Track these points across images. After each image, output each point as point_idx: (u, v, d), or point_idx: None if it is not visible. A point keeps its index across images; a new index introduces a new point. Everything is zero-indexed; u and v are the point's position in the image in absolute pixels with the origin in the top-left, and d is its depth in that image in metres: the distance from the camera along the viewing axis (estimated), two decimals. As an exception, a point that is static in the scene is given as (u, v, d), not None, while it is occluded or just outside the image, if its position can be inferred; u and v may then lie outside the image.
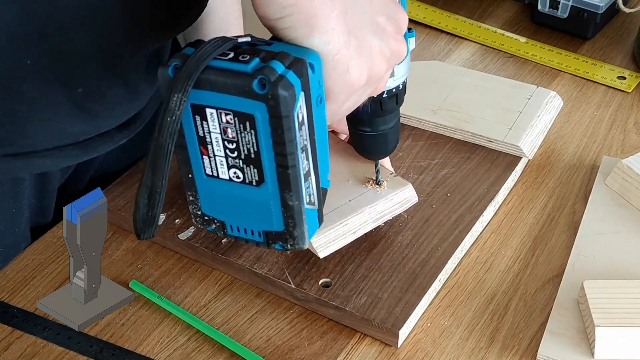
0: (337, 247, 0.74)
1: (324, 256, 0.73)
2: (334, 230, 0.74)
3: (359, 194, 0.77)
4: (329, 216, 0.74)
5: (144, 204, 0.56)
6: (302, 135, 0.55)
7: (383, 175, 0.79)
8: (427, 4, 1.17)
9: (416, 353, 0.71)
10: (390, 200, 0.77)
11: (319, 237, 0.73)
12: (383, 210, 0.77)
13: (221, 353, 0.70)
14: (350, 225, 0.75)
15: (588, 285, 0.71)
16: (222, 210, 0.60)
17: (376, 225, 0.77)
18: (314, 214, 0.59)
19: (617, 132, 0.95)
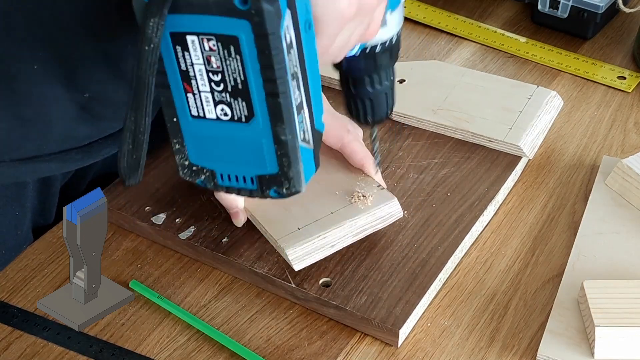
0: (313, 260, 0.73)
1: (299, 269, 0.73)
2: (312, 243, 0.73)
3: (342, 207, 0.76)
4: (308, 228, 0.73)
5: (129, 149, 0.52)
6: (291, 60, 0.50)
7: (369, 188, 0.77)
8: (427, 4, 1.17)
9: (416, 353, 0.71)
10: (373, 215, 0.75)
11: (296, 249, 0.72)
12: (365, 224, 0.75)
13: (221, 353, 0.70)
14: (329, 239, 0.74)
15: (588, 285, 0.71)
16: (211, 157, 0.55)
17: (356, 239, 0.75)
18: (310, 154, 0.54)
19: (617, 132, 0.95)
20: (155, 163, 0.86)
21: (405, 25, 1.14)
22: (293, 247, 0.72)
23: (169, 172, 0.85)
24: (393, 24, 0.65)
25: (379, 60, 0.66)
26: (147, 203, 0.81)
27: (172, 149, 0.57)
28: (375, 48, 0.65)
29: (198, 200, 0.82)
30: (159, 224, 0.79)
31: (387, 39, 0.65)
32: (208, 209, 0.81)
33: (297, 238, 0.73)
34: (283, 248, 0.73)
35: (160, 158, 0.87)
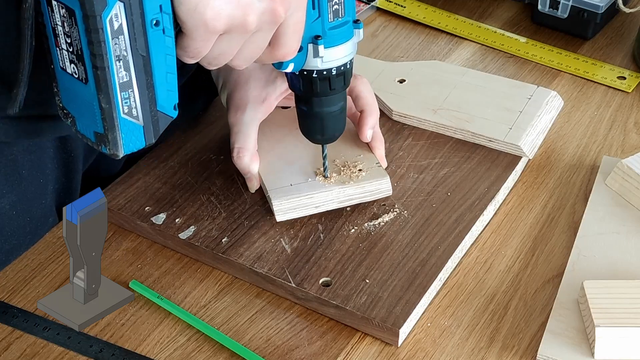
0: (296, 215, 0.78)
1: (280, 220, 0.78)
2: (298, 199, 0.78)
3: (336, 174, 0.80)
4: (299, 186, 0.79)
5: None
6: (117, 44, 0.59)
7: (368, 162, 0.81)
8: (427, 4, 1.17)
9: (416, 353, 0.71)
10: (362, 187, 0.79)
11: (282, 201, 0.78)
12: (352, 194, 0.79)
13: (221, 353, 0.70)
14: (315, 199, 0.78)
15: (588, 285, 0.71)
16: (73, 106, 0.64)
17: (341, 206, 0.79)
18: (137, 128, 0.63)
19: (617, 132, 0.95)
20: (155, 163, 0.86)
21: (405, 25, 1.14)
22: (280, 199, 0.78)
23: (169, 172, 0.85)
24: (330, 58, 0.71)
25: (315, 85, 0.73)
26: (147, 203, 0.81)
27: None
28: (312, 72, 0.72)
29: (198, 200, 0.82)
30: (159, 224, 0.79)
31: (322, 68, 0.72)
32: (208, 209, 0.81)
33: (286, 192, 0.78)
34: (271, 198, 0.78)
35: (161, 158, 0.87)
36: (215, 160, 0.86)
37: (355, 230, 0.79)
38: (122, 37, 0.59)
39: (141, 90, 0.62)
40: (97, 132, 0.63)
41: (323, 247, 0.77)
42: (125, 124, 0.63)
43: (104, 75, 0.60)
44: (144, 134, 0.64)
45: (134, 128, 0.63)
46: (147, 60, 0.61)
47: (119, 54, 0.60)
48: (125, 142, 0.63)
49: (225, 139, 0.88)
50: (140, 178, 0.84)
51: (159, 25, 0.60)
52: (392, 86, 0.95)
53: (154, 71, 0.62)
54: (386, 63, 1.00)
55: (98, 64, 0.59)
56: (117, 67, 0.60)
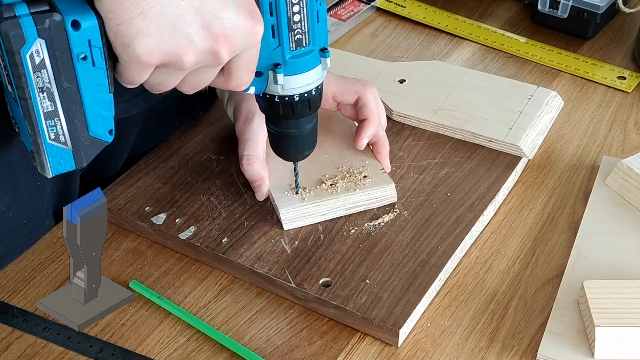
0: (303, 223, 0.79)
1: (287, 228, 0.78)
2: (304, 208, 0.78)
3: (342, 181, 0.80)
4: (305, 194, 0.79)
5: None
6: (39, 77, 0.61)
7: (373, 169, 0.82)
8: (427, 4, 1.17)
9: (416, 353, 0.71)
10: (368, 194, 0.79)
11: (289, 210, 0.78)
12: (358, 201, 0.79)
13: (221, 353, 0.70)
14: (322, 207, 0.79)
15: (588, 285, 0.71)
16: (16, 118, 0.66)
17: (347, 213, 0.79)
18: (65, 152, 0.65)
19: (617, 132, 0.95)
20: (155, 163, 0.86)
21: (405, 25, 1.14)
22: (286, 207, 0.78)
23: (169, 172, 0.85)
24: (291, 86, 0.70)
25: (277, 109, 0.72)
26: (147, 203, 0.81)
27: None
28: (274, 97, 0.71)
29: (198, 200, 0.82)
30: (159, 224, 0.79)
31: (284, 95, 0.71)
32: (208, 209, 0.81)
33: (292, 201, 0.79)
34: (277, 207, 0.78)
35: (161, 158, 0.87)
36: (215, 161, 0.86)
37: (355, 230, 0.79)
38: (45, 70, 0.61)
39: (69, 119, 0.63)
40: (30, 149, 0.65)
41: (323, 248, 0.77)
42: (52, 148, 0.64)
43: (26, 106, 0.62)
44: (74, 157, 0.65)
45: (62, 152, 0.65)
46: (75, 91, 0.63)
47: (42, 86, 0.61)
48: (53, 165, 0.65)
49: (226, 139, 0.89)
50: (141, 178, 0.84)
51: (87, 59, 0.62)
52: (392, 86, 0.95)
53: (83, 101, 0.63)
54: (386, 63, 1.00)
55: (20, 95, 0.61)
56: (41, 99, 0.62)
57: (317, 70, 0.71)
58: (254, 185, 0.81)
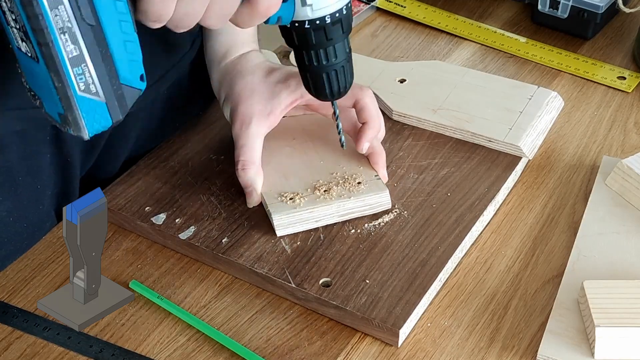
0: (296, 230, 0.78)
1: (280, 235, 0.77)
2: (298, 214, 0.77)
3: (336, 187, 0.80)
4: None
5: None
6: (58, 15, 0.55)
7: (367, 176, 0.80)
8: (427, 4, 1.17)
9: (416, 353, 0.71)
10: (362, 201, 0.79)
11: (282, 216, 0.77)
12: (352, 207, 0.79)
13: (221, 353, 0.70)
14: (315, 214, 0.78)
15: (588, 285, 0.71)
16: (35, 86, 0.60)
17: (341, 220, 0.79)
18: (98, 105, 0.59)
19: (617, 132, 0.95)
20: (155, 163, 0.86)
21: (405, 25, 1.14)
22: (279, 214, 0.77)
23: (169, 172, 0.85)
24: (320, 6, 0.66)
25: (309, 36, 0.67)
26: (147, 203, 0.81)
27: None
28: (304, 24, 0.67)
29: (198, 200, 0.82)
30: (159, 224, 0.79)
31: (315, 17, 0.66)
32: (208, 209, 0.81)
33: (285, 207, 0.78)
34: (271, 213, 0.77)
35: (161, 158, 0.87)
36: (215, 161, 0.86)
37: (355, 230, 0.79)
38: (63, 7, 0.55)
39: (96, 64, 0.57)
40: (60, 113, 0.59)
41: (323, 248, 0.77)
42: (83, 102, 0.58)
43: (49, 52, 0.56)
44: (109, 111, 0.59)
45: (95, 106, 0.58)
46: (99, 30, 0.57)
47: (62, 26, 0.55)
48: (88, 122, 0.59)
49: (226, 139, 0.89)
50: (141, 178, 0.84)
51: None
52: (392, 86, 0.95)
53: (108, 41, 0.57)
54: (386, 63, 1.00)
55: (40, 39, 0.55)
56: (63, 41, 0.56)
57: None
58: (246, 192, 0.80)
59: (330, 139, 0.85)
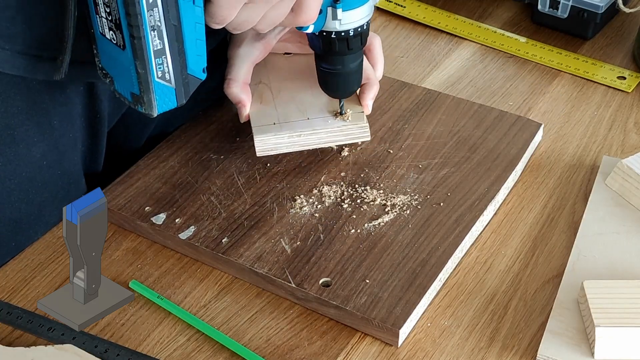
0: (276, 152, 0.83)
1: (260, 155, 0.83)
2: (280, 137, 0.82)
3: (319, 117, 0.85)
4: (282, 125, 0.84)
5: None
6: (152, 16, 0.65)
7: (352, 108, 0.85)
8: (427, 4, 1.17)
9: (416, 353, 0.71)
10: (341, 130, 0.84)
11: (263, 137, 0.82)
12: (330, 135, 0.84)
13: (221, 353, 0.70)
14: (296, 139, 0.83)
15: (588, 285, 0.71)
16: (111, 67, 0.71)
17: (319, 147, 0.84)
18: (169, 90, 0.69)
19: (617, 132, 0.95)
20: (155, 163, 0.86)
21: (405, 25, 1.14)
22: (261, 135, 0.82)
23: (169, 172, 0.85)
24: (348, 20, 0.77)
25: (334, 46, 0.78)
26: (147, 203, 0.81)
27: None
28: (331, 34, 0.78)
29: (198, 200, 0.82)
30: (159, 224, 0.79)
31: (341, 30, 0.77)
32: (208, 209, 0.81)
33: (268, 129, 0.83)
34: (254, 134, 0.83)
35: (161, 158, 0.87)
36: (215, 160, 0.86)
37: (355, 230, 0.79)
38: (157, 9, 0.65)
39: (173, 57, 0.68)
40: (134, 93, 0.69)
41: (323, 248, 0.77)
42: (159, 87, 0.69)
43: (140, 44, 0.66)
44: (176, 95, 0.70)
45: (167, 90, 0.69)
46: (179, 29, 0.67)
47: (154, 25, 0.66)
48: (159, 103, 0.69)
49: (226, 139, 0.89)
50: (141, 178, 0.84)
51: (195, 1, 0.67)
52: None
53: (184, 39, 0.68)
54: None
55: (135, 33, 0.65)
56: (152, 37, 0.66)
57: (369, 5, 0.78)
58: (237, 108, 0.85)
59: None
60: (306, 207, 0.81)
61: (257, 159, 0.86)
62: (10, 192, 0.80)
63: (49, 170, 0.81)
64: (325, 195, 0.82)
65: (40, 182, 0.81)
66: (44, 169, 0.81)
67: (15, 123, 0.78)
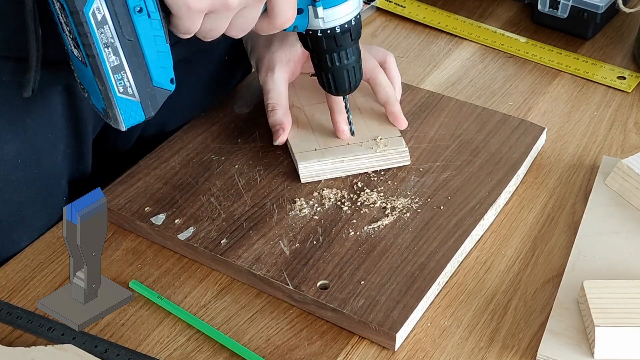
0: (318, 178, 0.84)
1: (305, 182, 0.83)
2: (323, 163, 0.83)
3: (358, 143, 0.86)
4: (323, 151, 0.85)
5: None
6: (103, 33, 0.65)
7: (388, 133, 0.86)
8: (427, 4, 1.17)
9: (416, 353, 0.71)
10: (382, 155, 0.84)
11: (306, 164, 0.83)
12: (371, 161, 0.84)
13: (221, 353, 0.70)
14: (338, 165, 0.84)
15: (588, 285, 0.71)
16: (84, 83, 0.71)
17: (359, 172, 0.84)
18: (134, 104, 0.69)
19: (617, 132, 0.95)
20: (156, 163, 0.86)
21: (405, 25, 1.14)
22: (305, 162, 0.83)
23: (170, 173, 0.85)
24: (332, 18, 0.76)
25: (320, 43, 0.77)
26: (147, 203, 0.81)
27: None
28: (317, 32, 0.77)
29: (198, 201, 0.82)
30: (158, 225, 0.79)
31: (326, 27, 0.76)
32: (208, 210, 0.81)
33: (311, 156, 0.84)
34: (297, 161, 0.83)
35: (162, 158, 0.87)
36: (216, 161, 0.86)
37: (354, 233, 0.79)
38: (107, 26, 0.65)
39: (134, 71, 0.68)
40: (103, 107, 0.69)
41: (322, 250, 0.77)
42: (122, 101, 0.69)
43: (95, 62, 0.66)
44: (143, 108, 0.70)
45: (131, 104, 0.69)
46: (136, 44, 0.67)
47: (107, 42, 0.66)
48: (125, 117, 0.69)
49: (227, 140, 0.89)
50: (141, 178, 0.84)
51: (143, 12, 0.66)
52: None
53: (144, 52, 0.68)
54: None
55: (88, 52, 0.66)
56: (107, 53, 0.66)
57: (345, 4, 0.76)
58: (274, 130, 0.86)
59: (353, 102, 0.90)
60: (306, 209, 0.81)
61: (257, 160, 0.86)
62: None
63: (25, 169, 0.81)
64: (325, 198, 0.82)
65: (15, 180, 0.80)
66: (19, 168, 0.80)
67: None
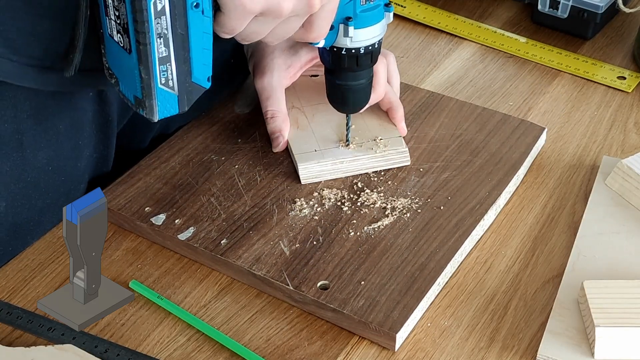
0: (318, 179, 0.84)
1: (305, 183, 0.83)
2: (322, 164, 0.83)
3: (359, 143, 0.86)
4: (322, 152, 0.85)
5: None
6: (159, 23, 0.66)
7: (387, 132, 0.87)
8: (427, 4, 1.17)
9: (416, 353, 0.71)
10: (382, 155, 0.84)
11: (306, 165, 0.83)
12: (371, 161, 0.85)
13: (221, 353, 0.70)
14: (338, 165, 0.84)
15: (588, 285, 0.71)
16: (117, 68, 0.71)
17: (359, 173, 0.84)
18: (172, 97, 0.70)
19: (617, 132, 0.95)
20: (157, 164, 0.86)
21: (405, 25, 1.14)
22: (304, 163, 0.83)
23: (170, 173, 0.85)
24: (359, 38, 0.77)
25: (343, 61, 0.79)
26: (147, 203, 0.81)
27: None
28: (341, 50, 0.78)
29: (198, 201, 0.82)
30: (158, 225, 0.79)
31: (352, 47, 0.77)
32: (208, 210, 0.81)
33: (311, 157, 0.84)
34: (297, 162, 0.84)
35: (162, 158, 0.87)
36: (216, 162, 0.86)
37: (354, 233, 0.78)
38: (164, 17, 0.66)
39: (178, 64, 0.69)
40: (137, 96, 0.69)
41: (322, 250, 0.77)
42: (161, 93, 0.69)
43: (146, 50, 0.66)
44: (178, 102, 0.71)
45: (169, 97, 0.70)
46: (186, 38, 0.68)
47: (160, 32, 0.66)
48: (160, 109, 0.70)
49: (227, 140, 0.89)
50: (141, 178, 0.84)
51: (199, 7, 0.67)
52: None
53: (191, 47, 0.69)
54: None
55: (141, 40, 0.66)
56: (158, 44, 0.67)
57: (382, 24, 0.78)
58: (273, 137, 0.86)
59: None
60: (306, 210, 0.81)
61: (258, 160, 0.86)
62: (14, 196, 0.79)
63: (54, 175, 0.81)
64: (325, 198, 0.82)
65: (44, 187, 0.81)
66: (48, 174, 0.81)
67: (24, 128, 0.78)
